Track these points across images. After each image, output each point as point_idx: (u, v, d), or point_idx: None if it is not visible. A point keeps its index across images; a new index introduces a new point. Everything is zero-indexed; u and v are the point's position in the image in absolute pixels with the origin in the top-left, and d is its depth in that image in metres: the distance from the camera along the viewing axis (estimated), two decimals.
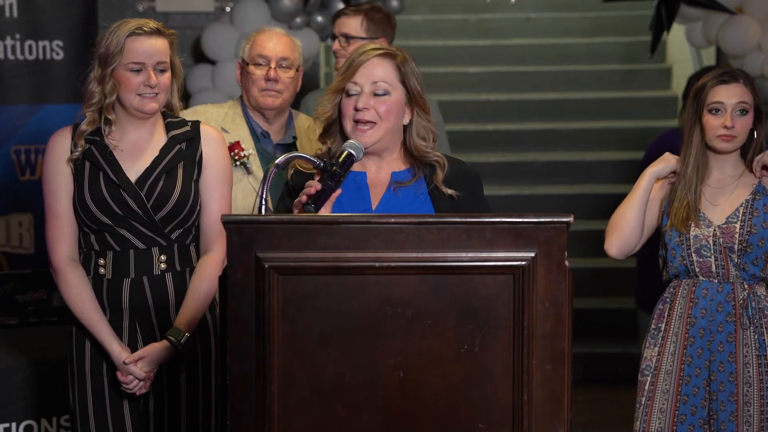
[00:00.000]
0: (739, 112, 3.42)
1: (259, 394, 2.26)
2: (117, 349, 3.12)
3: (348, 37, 4.22)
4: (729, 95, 3.42)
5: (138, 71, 3.10)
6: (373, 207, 2.86)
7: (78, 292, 3.15)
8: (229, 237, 2.27)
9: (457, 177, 2.91)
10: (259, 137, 3.82)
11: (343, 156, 2.74)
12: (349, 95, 2.83)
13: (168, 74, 3.15)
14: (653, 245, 5.13)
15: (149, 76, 3.10)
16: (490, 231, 2.28)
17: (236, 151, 3.74)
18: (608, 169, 7.24)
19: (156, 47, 3.12)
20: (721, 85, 3.44)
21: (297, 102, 4.64)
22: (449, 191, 2.87)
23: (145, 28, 3.11)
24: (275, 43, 3.79)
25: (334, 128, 2.88)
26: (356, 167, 2.85)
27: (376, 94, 2.81)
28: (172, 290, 3.18)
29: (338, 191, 2.72)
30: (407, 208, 2.86)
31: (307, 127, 3.91)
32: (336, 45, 4.26)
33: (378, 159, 2.89)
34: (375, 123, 2.81)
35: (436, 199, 2.88)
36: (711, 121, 3.43)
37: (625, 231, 3.49)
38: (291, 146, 3.84)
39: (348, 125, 2.83)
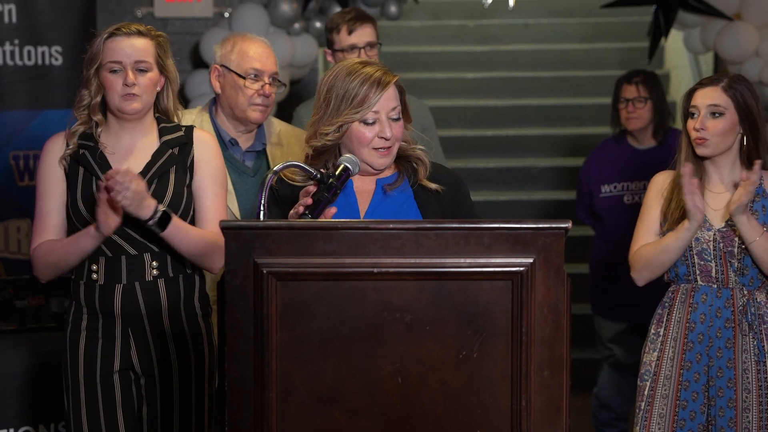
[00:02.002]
0: (711, 114, 3.42)
1: (258, 400, 2.26)
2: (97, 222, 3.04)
3: (372, 45, 4.24)
4: (702, 97, 3.43)
5: (117, 72, 3.11)
6: (362, 215, 2.88)
7: (50, 246, 3.13)
8: (227, 242, 2.26)
9: (440, 180, 2.95)
10: (227, 145, 3.78)
11: (340, 169, 2.76)
12: (366, 124, 2.85)
13: (150, 75, 3.13)
14: (607, 251, 5.15)
15: (126, 75, 3.10)
16: (488, 237, 2.28)
17: None
18: None
19: (134, 46, 3.11)
20: (699, 89, 3.46)
21: (289, 112, 4.65)
22: (433, 186, 2.91)
23: (123, 29, 3.13)
24: (267, 56, 3.78)
25: (330, 152, 2.89)
26: None
27: (393, 120, 2.86)
28: (164, 296, 3.17)
29: (334, 209, 2.73)
30: (396, 214, 2.88)
31: (278, 131, 3.91)
32: (363, 55, 4.20)
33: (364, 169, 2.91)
34: (392, 146, 2.87)
35: (421, 200, 2.91)
36: (689, 124, 3.45)
37: (658, 272, 3.50)
38: (261, 153, 3.83)
39: (364, 151, 2.85)
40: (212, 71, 3.84)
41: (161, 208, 3.06)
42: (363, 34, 4.24)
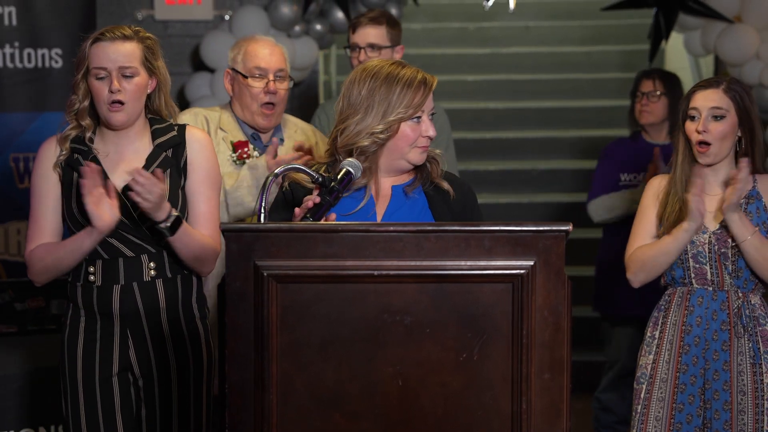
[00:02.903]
0: (713, 117, 3.41)
1: (258, 403, 2.26)
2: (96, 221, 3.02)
3: (376, 47, 4.21)
4: (703, 99, 3.42)
5: (103, 78, 3.09)
6: (379, 220, 2.87)
7: (46, 249, 3.12)
8: (227, 245, 2.26)
9: (452, 188, 2.95)
10: (250, 139, 3.86)
11: (342, 173, 2.76)
12: (414, 123, 2.86)
13: (137, 80, 3.11)
14: (617, 249, 5.12)
15: (111, 82, 3.09)
16: (488, 239, 2.28)
17: (245, 149, 3.78)
18: None
19: (119, 51, 3.09)
20: (699, 90, 3.45)
21: (309, 113, 4.65)
22: (445, 185, 2.92)
23: (107, 34, 3.10)
24: (271, 54, 3.82)
25: (373, 153, 2.87)
26: (359, 181, 2.86)
27: (430, 120, 2.89)
28: (162, 296, 3.17)
29: (332, 215, 2.73)
30: (412, 220, 2.87)
31: (294, 131, 3.94)
32: (363, 55, 4.20)
33: (385, 173, 2.91)
34: (429, 144, 2.90)
35: (435, 205, 2.91)
36: (689, 127, 3.44)
37: (654, 274, 3.48)
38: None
39: (407, 150, 2.87)
40: (225, 75, 3.88)
41: (174, 212, 3.07)
42: (365, 35, 4.23)
